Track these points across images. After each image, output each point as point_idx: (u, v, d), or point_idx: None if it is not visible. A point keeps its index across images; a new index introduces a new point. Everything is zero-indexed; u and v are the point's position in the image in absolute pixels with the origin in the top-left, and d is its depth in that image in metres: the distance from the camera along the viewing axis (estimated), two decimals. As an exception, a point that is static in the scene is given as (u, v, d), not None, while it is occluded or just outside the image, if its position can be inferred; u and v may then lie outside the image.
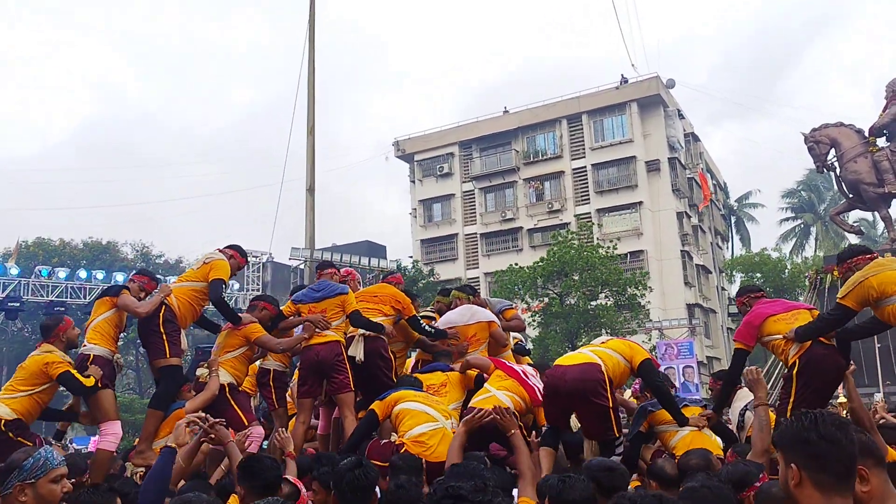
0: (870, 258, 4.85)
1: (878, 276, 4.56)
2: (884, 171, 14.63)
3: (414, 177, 42.11)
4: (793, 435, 1.86)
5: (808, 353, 4.78)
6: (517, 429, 4.45)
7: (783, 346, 4.92)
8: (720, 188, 48.10)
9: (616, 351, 4.98)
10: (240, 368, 6.08)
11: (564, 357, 5.19)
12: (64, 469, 2.82)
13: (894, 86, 14.92)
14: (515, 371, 5.29)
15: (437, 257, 39.95)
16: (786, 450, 1.87)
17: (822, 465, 1.79)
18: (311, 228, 20.22)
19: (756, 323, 5.08)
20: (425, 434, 4.70)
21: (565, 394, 4.77)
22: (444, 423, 4.80)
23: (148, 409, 5.80)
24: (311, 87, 19.86)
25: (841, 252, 5.15)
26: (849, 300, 4.61)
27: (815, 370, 4.77)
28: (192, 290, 6.06)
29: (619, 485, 3.15)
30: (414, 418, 4.80)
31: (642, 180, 36.23)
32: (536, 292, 28.22)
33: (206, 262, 6.09)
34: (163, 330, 5.70)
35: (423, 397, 5.08)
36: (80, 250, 38.30)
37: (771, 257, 38.95)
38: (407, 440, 4.64)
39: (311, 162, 19.81)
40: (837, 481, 1.80)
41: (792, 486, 1.82)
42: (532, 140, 39.50)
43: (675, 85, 39.12)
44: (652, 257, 34.92)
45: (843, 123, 15.65)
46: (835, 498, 1.78)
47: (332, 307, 6.17)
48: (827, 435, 1.81)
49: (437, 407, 4.98)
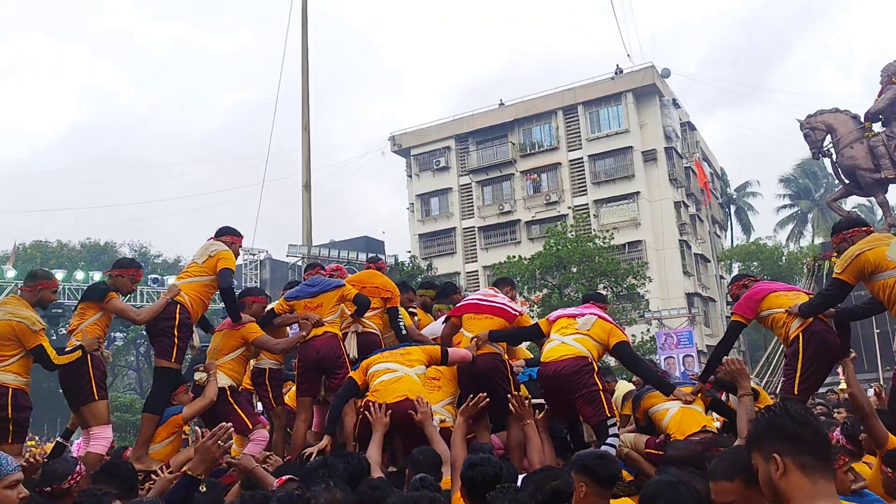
0: (865, 231, 4.85)
1: (874, 250, 4.56)
2: (880, 157, 14.60)
3: (410, 171, 42.06)
4: (765, 427, 1.87)
5: (811, 328, 4.79)
6: (532, 419, 4.58)
7: (784, 320, 4.91)
8: (717, 177, 48.08)
9: (596, 339, 5.16)
10: (238, 370, 6.02)
11: (552, 349, 5.18)
12: (19, 475, 2.79)
13: (889, 70, 14.91)
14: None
15: (435, 251, 39.93)
16: (762, 444, 1.87)
17: (801, 447, 1.80)
18: (308, 225, 20.22)
19: (758, 297, 5.07)
20: (382, 382, 4.97)
21: (562, 387, 4.98)
22: (406, 371, 5.03)
23: (143, 413, 5.73)
24: (304, 84, 19.82)
25: (837, 222, 5.13)
26: (846, 275, 4.62)
27: (818, 345, 4.78)
28: (203, 286, 5.96)
29: (612, 472, 3.12)
30: (378, 375, 5.05)
31: (639, 170, 36.21)
32: (535, 284, 28.22)
33: (211, 256, 5.96)
34: (176, 334, 5.62)
35: (389, 355, 5.24)
36: (77, 252, 38.29)
37: (767, 245, 38.98)
38: (368, 395, 4.96)
39: (306, 158, 19.78)
40: (819, 462, 1.80)
41: (777, 478, 1.79)
42: (528, 132, 39.45)
43: (670, 74, 39.07)
44: (650, 247, 34.93)
45: (838, 109, 15.61)
46: (820, 480, 1.78)
47: (329, 301, 6.13)
48: (799, 417, 1.84)
49: (401, 359, 5.15)
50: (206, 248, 6.08)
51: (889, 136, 14.70)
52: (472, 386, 5.30)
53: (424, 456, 4.11)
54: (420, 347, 5.47)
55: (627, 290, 27.75)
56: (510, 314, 5.74)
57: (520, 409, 4.66)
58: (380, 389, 4.97)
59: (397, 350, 5.40)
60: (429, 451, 4.28)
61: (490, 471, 3.06)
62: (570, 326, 5.33)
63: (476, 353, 5.40)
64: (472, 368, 5.43)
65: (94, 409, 5.30)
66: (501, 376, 5.40)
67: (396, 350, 5.40)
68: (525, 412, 4.66)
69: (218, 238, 6.21)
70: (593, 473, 3.05)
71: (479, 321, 5.66)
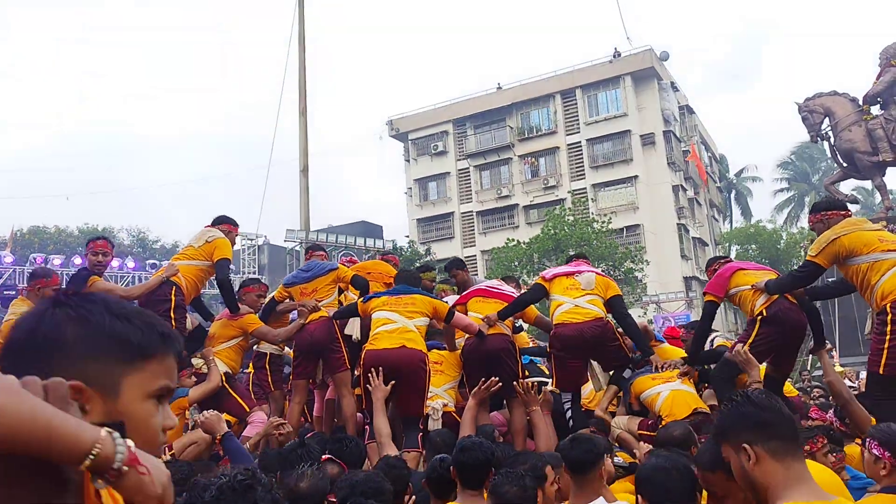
0: (843, 215, 4.88)
1: (849, 235, 4.60)
2: (878, 140, 14.55)
3: (409, 156, 41.93)
4: (732, 418, 1.89)
5: (776, 304, 4.87)
6: (539, 406, 4.63)
7: (751, 297, 4.99)
8: (716, 160, 47.99)
9: (601, 295, 5.51)
10: (235, 359, 6.09)
11: (568, 312, 5.41)
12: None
13: (888, 53, 14.84)
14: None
15: (433, 236, 39.91)
16: (731, 435, 1.87)
17: (770, 433, 1.81)
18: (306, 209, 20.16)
19: (726, 275, 5.18)
20: (380, 332, 5.13)
21: (586, 346, 5.37)
22: (405, 322, 5.15)
23: None
24: (301, 69, 19.70)
25: (817, 202, 5.18)
26: (821, 258, 4.65)
27: (780, 322, 4.85)
28: (198, 270, 6.00)
29: (590, 457, 3.08)
30: (377, 324, 5.22)
31: (637, 154, 36.13)
32: (533, 268, 28.24)
33: (208, 241, 6.00)
34: (173, 315, 5.63)
35: (394, 302, 5.34)
36: (75, 237, 38.16)
37: (766, 229, 38.97)
38: (366, 345, 5.21)
39: (303, 143, 19.70)
40: (789, 444, 1.82)
41: (751, 467, 1.80)
42: (526, 116, 39.30)
43: (668, 57, 38.85)
44: (648, 231, 34.90)
45: (836, 92, 15.55)
46: (793, 464, 1.80)
47: (324, 285, 6.16)
48: (761, 403, 1.86)
49: (402, 309, 5.26)
50: (203, 234, 6.10)
51: (887, 119, 14.64)
52: (481, 366, 5.44)
53: (441, 438, 4.16)
54: (427, 298, 5.52)
55: (625, 274, 27.77)
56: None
57: (526, 395, 4.69)
58: (378, 338, 5.12)
59: (402, 297, 5.41)
60: (445, 432, 4.33)
61: (481, 455, 3.05)
62: (574, 287, 5.50)
63: (486, 332, 5.48)
64: (481, 348, 5.50)
65: None
66: (510, 357, 5.52)
67: (402, 297, 5.41)
68: (532, 399, 4.69)
69: (215, 226, 6.23)
70: (566, 459, 3.08)
71: (488, 304, 5.75)
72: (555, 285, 5.61)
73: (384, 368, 4.90)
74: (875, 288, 4.49)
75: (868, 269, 4.52)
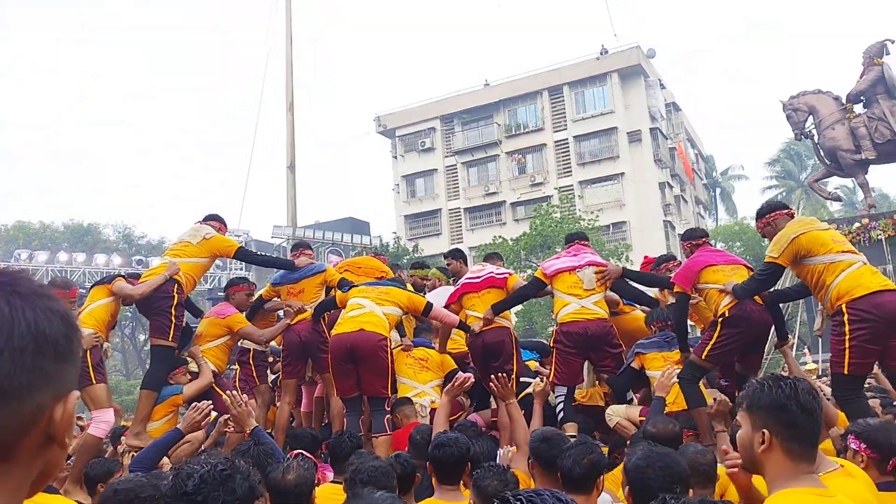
0: (787, 214, 4.95)
1: (807, 234, 4.67)
2: (861, 138, 14.67)
3: (396, 152, 41.89)
4: (771, 401, 1.83)
5: (740, 306, 4.92)
6: (514, 398, 4.65)
7: (716, 298, 5.05)
8: (702, 158, 48.23)
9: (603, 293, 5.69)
10: (222, 358, 6.13)
11: (575, 312, 5.55)
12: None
13: (871, 52, 14.97)
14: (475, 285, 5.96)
15: (421, 232, 39.90)
16: (759, 414, 1.84)
17: (795, 435, 1.80)
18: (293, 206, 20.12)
19: (695, 269, 5.22)
20: (346, 316, 5.30)
21: (589, 343, 5.49)
22: (373, 308, 5.31)
23: (141, 390, 5.80)
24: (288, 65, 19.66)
25: (760, 207, 5.20)
26: (783, 258, 4.71)
27: (742, 323, 4.92)
28: (197, 267, 6.03)
29: (556, 454, 3.12)
30: (347, 309, 5.39)
31: (624, 151, 36.25)
32: (520, 265, 28.33)
33: (206, 238, 6.02)
34: (174, 313, 5.66)
35: (370, 291, 5.50)
36: (60, 233, 37.87)
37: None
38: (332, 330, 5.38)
39: (290, 139, 19.65)
40: (806, 450, 1.82)
41: (760, 450, 1.81)
42: (513, 113, 39.35)
43: (655, 55, 39.01)
44: (634, 228, 35.04)
45: (821, 90, 15.67)
46: (802, 464, 1.80)
47: (311, 286, 6.19)
48: (806, 405, 1.81)
49: (375, 297, 5.42)
50: (197, 231, 6.10)
51: (870, 117, 14.76)
52: (481, 358, 5.68)
53: (421, 434, 4.17)
54: (404, 292, 5.65)
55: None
56: (499, 280, 5.93)
57: (503, 389, 4.67)
58: (341, 323, 5.32)
59: (378, 287, 5.58)
60: (426, 429, 4.34)
61: (456, 451, 3.07)
62: (577, 286, 5.59)
63: (483, 328, 5.63)
64: (479, 341, 5.65)
65: (91, 392, 5.35)
66: (508, 350, 5.65)
67: (378, 287, 5.59)
68: (508, 392, 4.66)
69: (205, 223, 6.24)
70: (538, 457, 3.12)
71: (480, 298, 5.82)
72: (558, 282, 5.69)
73: (345, 351, 5.11)
74: (830, 288, 4.56)
75: (824, 269, 4.59)
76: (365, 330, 5.16)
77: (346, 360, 5.17)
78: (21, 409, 0.79)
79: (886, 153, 14.82)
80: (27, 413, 0.80)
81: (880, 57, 15.02)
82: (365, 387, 5.27)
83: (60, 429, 0.84)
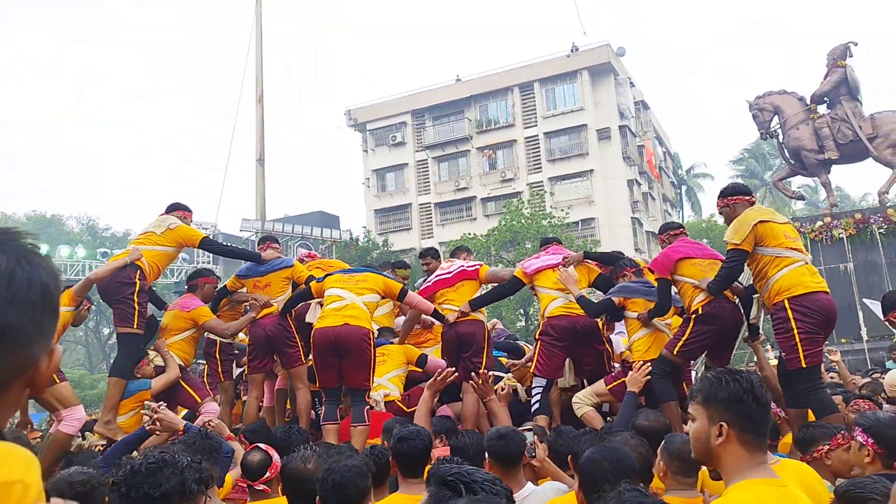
0: (748, 201, 5.03)
1: (766, 224, 4.77)
2: (824, 138, 14.95)
3: (367, 146, 41.72)
4: (728, 395, 1.87)
5: (714, 303, 5.00)
6: (493, 394, 4.70)
7: (691, 293, 5.11)
8: (669, 156, 48.74)
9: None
10: (188, 351, 6.09)
11: (561, 307, 5.66)
12: None
13: (834, 54, 15.25)
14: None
15: (391, 227, 39.82)
16: (716, 407, 1.88)
17: (751, 427, 1.85)
18: (262, 199, 19.99)
19: (674, 257, 5.26)
20: (328, 309, 5.32)
21: (576, 337, 5.62)
22: (353, 299, 5.33)
23: (109, 378, 5.77)
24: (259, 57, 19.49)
25: (724, 187, 5.25)
26: (746, 244, 4.77)
27: (714, 320, 4.99)
28: (161, 255, 5.97)
29: (515, 450, 3.19)
30: (328, 301, 5.41)
31: (593, 148, 36.51)
32: (490, 261, 28.41)
33: (170, 228, 5.97)
34: (136, 300, 5.62)
35: (346, 279, 5.53)
36: (22, 224, 37.16)
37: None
38: (315, 323, 5.41)
39: (260, 132, 19.51)
40: (760, 440, 1.88)
41: (717, 443, 1.85)
42: (485, 109, 39.40)
43: (625, 53, 39.36)
44: (603, 224, 35.34)
45: (786, 91, 15.93)
46: (757, 455, 1.86)
47: (278, 280, 6.16)
48: (761, 398, 1.88)
49: (353, 286, 5.44)
50: (162, 221, 6.05)
51: (833, 118, 15.05)
52: (453, 350, 5.74)
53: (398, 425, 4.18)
54: (381, 277, 5.66)
55: (580, 267, 28.04)
56: (471, 272, 6.03)
57: (483, 386, 4.71)
58: (324, 316, 5.32)
59: (355, 275, 5.60)
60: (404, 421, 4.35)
61: (419, 444, 3.08)
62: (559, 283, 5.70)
63: (458, 319, 5.71)
64: (452, 332, 5.74)
65: (56, 392, 5.31)
66: (479, 342, 5.72)
67: (354, 275, 5.61)
68: (487, 389, 4.73)
69: (169, 213, 6.18)
70: (495, 454, 3.16)
71: (456, 291, 5.90)
72: (542, 279, 5.81)
73: (329, 345, 5.12)
74: (770, 282, 4.70)
75: (770, 262, 4.72)
76: (349, 324, 5.17)
77: (330, 353, 5.17)
78: (23, 356, 0.91)
79: (849, 154, 15.12)
80: (25, 360, 0.92)
81: (844, 59, 15.31)
82: (347, 379, 5.28)
83: (44, 378, 0.95)
